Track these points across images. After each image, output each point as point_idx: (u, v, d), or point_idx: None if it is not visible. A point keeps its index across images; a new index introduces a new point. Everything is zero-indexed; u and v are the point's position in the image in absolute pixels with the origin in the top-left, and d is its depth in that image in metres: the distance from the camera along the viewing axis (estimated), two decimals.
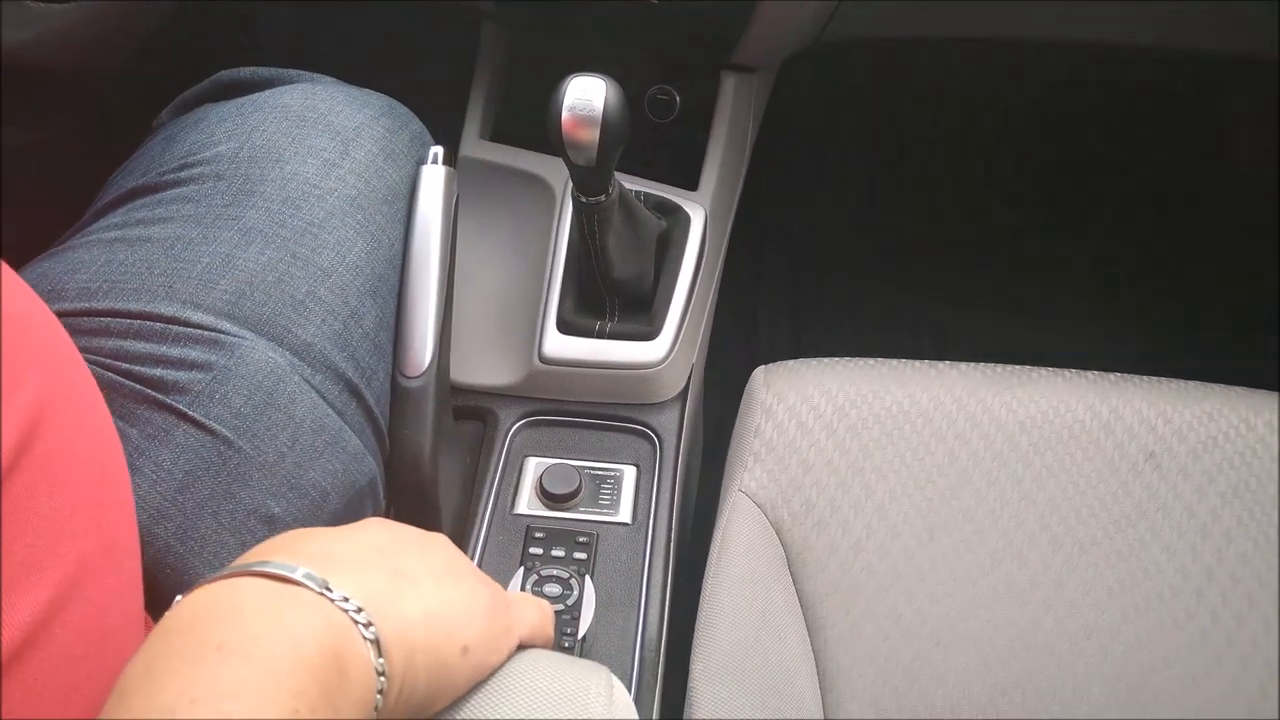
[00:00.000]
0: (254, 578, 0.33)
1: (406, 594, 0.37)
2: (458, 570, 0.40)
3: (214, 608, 0.32)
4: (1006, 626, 0.61)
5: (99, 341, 0.52)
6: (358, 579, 0.35)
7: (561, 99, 0.59)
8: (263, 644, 0.31)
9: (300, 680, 0.31)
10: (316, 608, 0.33)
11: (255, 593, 0.33)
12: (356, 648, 0.33)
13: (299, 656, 0.31)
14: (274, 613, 0.32)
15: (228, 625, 0.32)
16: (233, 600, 0.33)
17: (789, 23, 0.79)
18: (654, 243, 0.76)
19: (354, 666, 0.33)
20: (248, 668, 0.30)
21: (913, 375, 0.68)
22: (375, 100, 0.66)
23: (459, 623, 0.38)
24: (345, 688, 0.32)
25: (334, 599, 0.34)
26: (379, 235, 0.60)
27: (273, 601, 0.33)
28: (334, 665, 0.32)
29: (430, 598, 0.37)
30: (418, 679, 0.36)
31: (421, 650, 0.36)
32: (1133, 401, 0.67)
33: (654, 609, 0.66)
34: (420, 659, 0.36)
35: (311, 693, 0.31)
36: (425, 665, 0.36)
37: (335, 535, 0.38)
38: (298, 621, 0.32)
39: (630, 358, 0.74)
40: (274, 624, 0.32)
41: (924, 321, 1.20)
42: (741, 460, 0.66)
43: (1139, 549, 0.63)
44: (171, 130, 0.64)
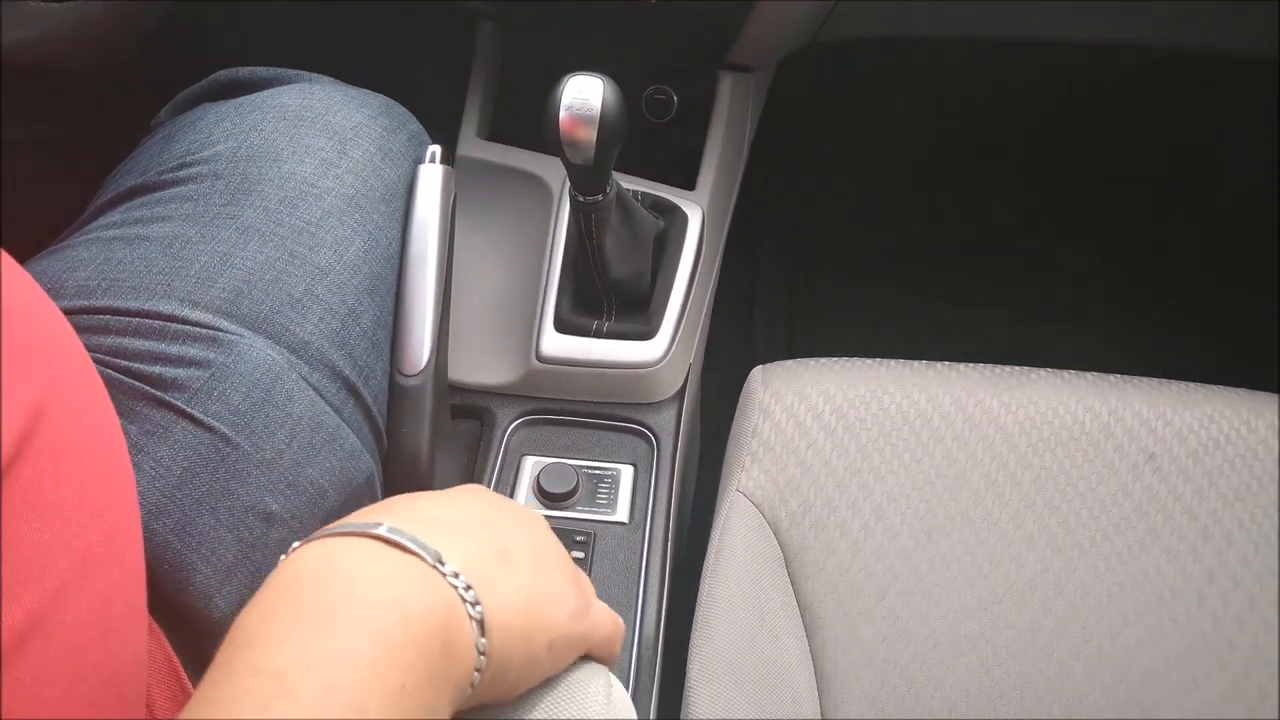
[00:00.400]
0: (371, 540, 0.34)
1: (508, 575, 0.37)
2: (555, 558, 0.40)
3: (329, 568, 0.33)
4: (1005, 628, 0.61)
5: (98, 339, 0.52)
6: (465, 553, 0.35)
7: (559, 98, 0.59)
8: (376, 613, 0.31)
9: (408, 654, 0.31)
10: (428, 581, 0.33)
11: (370, 558, 0.33)
12: (462, 625, 0.34)
13: (409, 630, 0.32)
14: (388, 582, 0.33)
15: (343, 590, 0.32)
16: (348, 562, 0.33)
17: (786, 22, 0.79)
18: (651, 242, 0.76)
19: (458, 644, 0.33)
20: (360, 637, 0.31)
21: (911, 376, 0.68)
22: (373, 100, 0.66)
23: (551, 616, 0.38)
24: (448, 664, 0.33)
25: (445, 573, 0.34)
26: (377, 234, 0.60)
27: (387, 569, 0.33)
28: (440, 641, 0.32)
29: (529, 583, 0.37)
30: (510, 663, 0.36)
31: (517, 637, 0.36)
32: (1132, 403, 0.67)
33: (651, 609, 0.66)
34: (515, 645, 0.36)
35: (418, 667, 0.31)
36: (519, 652, 0.36)
37: (440, 502, 0.38)
38: (410, 594, 0.33)
39: (627, 357, 0.74)
40: (388, 594, 0.32)
41: (922, 322, 1.20)
42: (739, 460, 0.66)
43: (1139, 551, 0.63)
44: (170, 130, 0.65)
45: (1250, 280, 1.18)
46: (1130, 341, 1.16)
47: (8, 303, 0.36)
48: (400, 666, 0.31)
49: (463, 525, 0.37)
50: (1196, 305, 1.21)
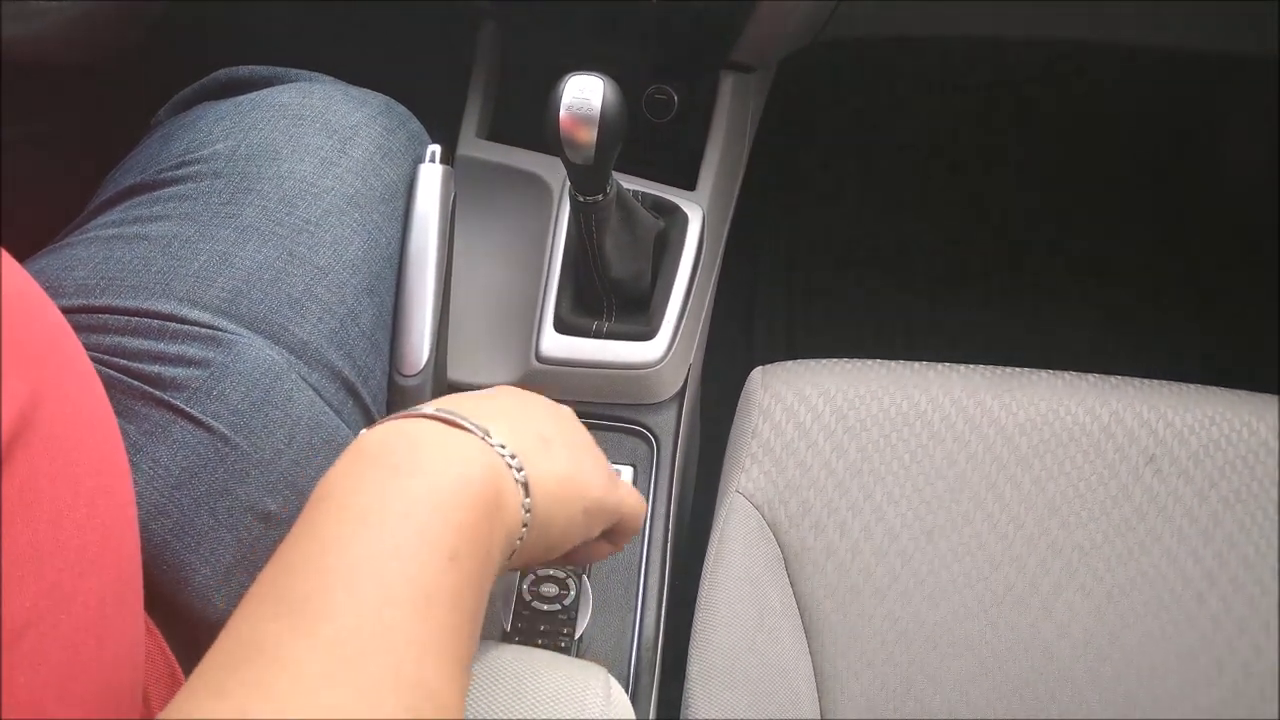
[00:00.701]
0: (430, 420, 0.40)
1: (546, 454, 0.43)
2: (584, 443, 0.47)
3: (394, 440, 0.38)
4: (1005, 630, 0.61)
5: (96, 338, 0.52)
6: (511, 430, 0.41)
7: (559, 98, 0.59)
8: (439, 468, 0.37)
9: (465, 501, 0.37)
10: (479, 448, 0.39)
11: (430, 430, 0.39)
12: (509, 486, 0.40)
13: (468, 484, 0.38)
14: (446, 449, 0.39)
15: (407, 452, 0.38)
16: (410, 435, 0.39)
17: (787, 22, 0.79)
18: (652, 242, 0.76)
19: (507, 501, 0.39)
20: (426, 486, 0.37)
21: (911, 377, 0.68)
22: (373, 99, 0.66)
23: (585, 485, 0.44)
24: (499, 516, 0.39)
25: (493, 444, 0.40)
26: (376, 234, 0.60)
27: (444, 439, 0.39)
28: (492, 495, 0.38)
29: (565, 460, 0.44)
30: (551, 525, 0.42)
31: (556, 501, 0.42)
32: (1133, 404, 0.67)
33: (651, 609, 0.66)
34: (556, 509, 0.42)
35: (477, 513, 0.37)
36: (560, 515, 0.43)
37: (481, 397, 0.45)
38: (465, 456, 0.39)
39: (627, 357, 0.74)
40: (448, 454, 0.38)
41: (922, 322, 1.20)
42: (739, 461, 0.66)
43: (1139, 553, 0.63)
44: (169, 128, 0.64)
45: (1250, 281, 1.18)
46: (1131, 342, 1.16)
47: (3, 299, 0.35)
48: (464, 509, 0.37)
49: (504, 413, 0.43)
50: (1197, 306, 1.21)
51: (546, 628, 0.62)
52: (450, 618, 0.35)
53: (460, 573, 0.36)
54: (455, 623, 0.35)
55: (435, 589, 0.35)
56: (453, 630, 0.35)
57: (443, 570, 0.35)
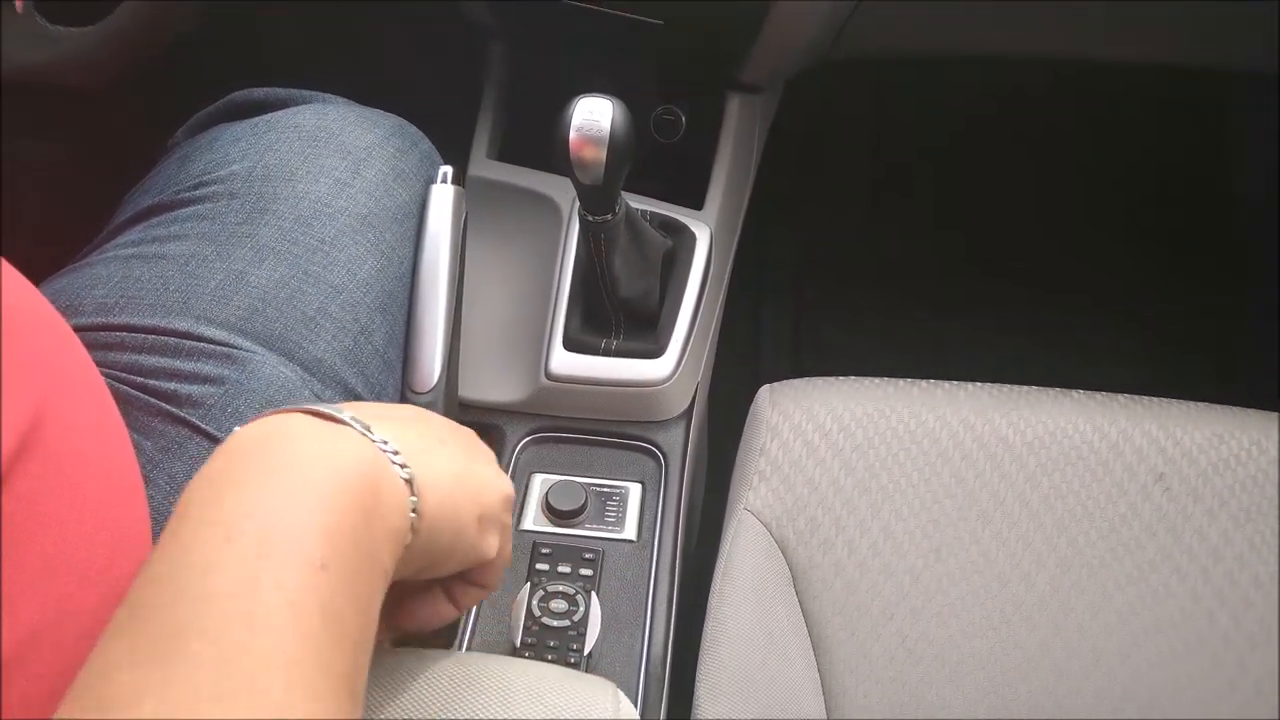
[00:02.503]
0: (303, 414, 0.37)
1: (440, 453, 0.40)
2: (486, 455, 0.44)
3: (267, 436, 0.36)
4: (1014, 649, 0.61)
5: (115, 355, 0.53)
6: (397, 431, 0.38)
7: (569, 119, 0.60)
8: (309, 466, 0.34)
9: (342, 501, 0.34)
10: (358, 442, 0.36)
11: (305, 425, 0.36)
12: (392, 482, 0.37)
13: (340, 481, 0.35)
14: (320, 442, 0.36)
15: (278, 450, 0.35)
16: (283, 430, 0.36)
17: (793, 44, 0.80)
18: (660, 261, 0.77)
19: (390, 499, 0.36)
20: (295, 485, 0.34)
21: (919, 395, 0.68)
22: (386, 120, 0.67)
23: (482, 493, 0.41)
24: (381, 514, 0.36)
25: (374, 439, 0.37)
26: (389, 253, 0.61)
27: (321, 433, 0.36)
28: (371, 492, 0.35)
29: (459, 460, 0.41)
30: (443, 527, 0.39)
31: (448, 503, 0.39)
32: (1141, 423, 0.67)
33: (659, 626, 0.66)
34: (448, 511, 0.39)
35: (352, 513, 0.34)
36: (451, 518, 0.39)
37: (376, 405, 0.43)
38: (341, 451, 0.36)
39: (636, 375, 0.74)
40: (319, 450, 0.35)
41: (930, 341, 1.20)
42: (747, 479, 0.66)
43: (1149, 572, 0.63)
44: (186, 150, 0.65)
45: (1262, 300, 1.18)
46: (1139, 360, 1.16)
47: (6, 314, 0.36)
48: (335, 511, 0.34)
49: (394, 417, 0.40)
50: (1206, 324, 1.21)
51: (556, 643, 0.62)
52: (323, 635, 0.32)
53: (333, 583, 0.32)
54: (330, 640, 0.32)
55: (303, 603, 0.31)
56: (327, 649, 0.32)
57: (312, 583, 0.32)
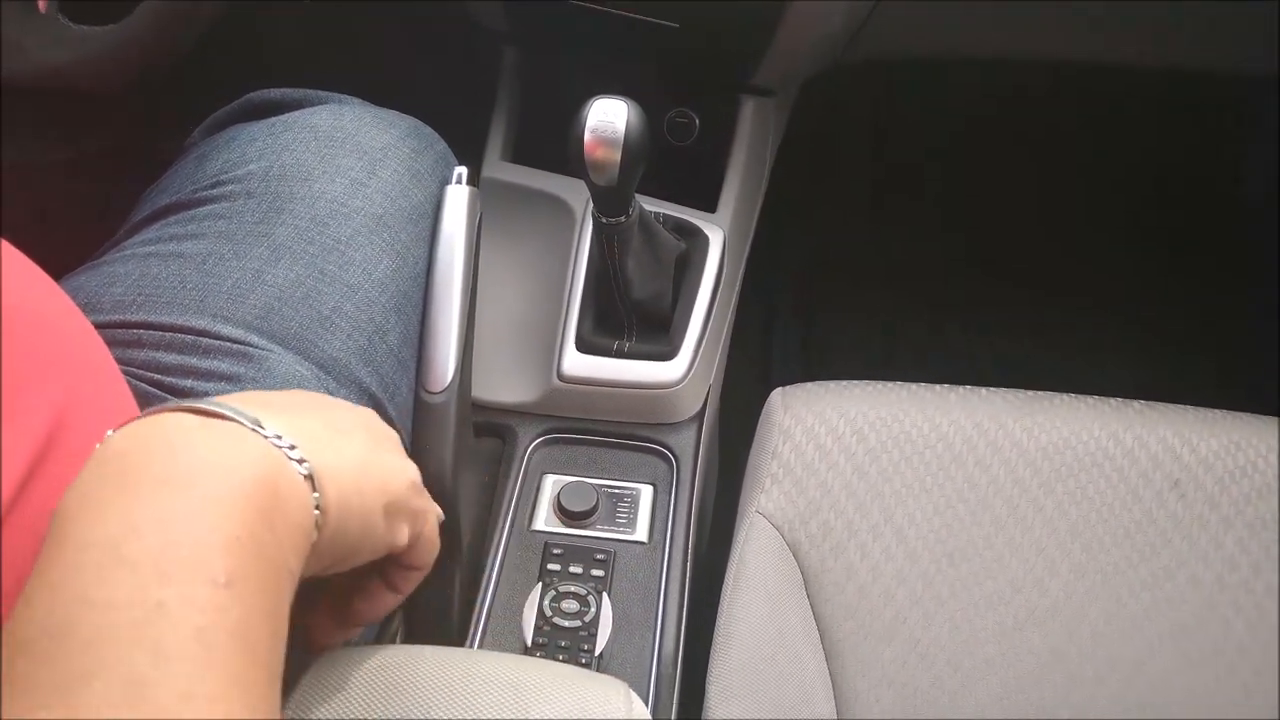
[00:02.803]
0: (184, 413, 0.33)
1: (340, 443, 0.37)
2: (390, 439, 0.41)
3: (146, 442, 0.32)
4: (1027, 655, 0.61)
5: (132, 353, 0.53)
6: (291, 422, 0.35)
7: (584, 121, 0.60)
8: (200, 475, 0.31)
9: (239, 509, 0.31)
10: (250, 441, 0.33)
11: (187, 428, 0.33)
12: (291, 479, 0.34)
13: (237, 486, 0.32)
14: (208, 445, 0.32)
15: (163, 458, 0.31)
16: (164, 434, 0.32)
17: (807, 47, 0.80)
18: (673, 263, 0.77)
19: (290, 497, 0.33)
20: (187, 497, 0.31)
21: (932, 399, 0.68)
22: (401, 121, 0.68)
23: (387, 481, 0.39)
24: (283, 515, 0.33)
25: (266, 435, 0.34)
26: (404, 253, 0.61)
27: (206, 436, 0.33)
28: (270, 495, 0.32)
29: (361, 447, 0.38)
30: (350, 520, 0.36)
31: (354, 493, 0.36)
32: (1157, 429, 0.66)
33: (671, 628, 0.66)
34: (354, 501, 0.36)
35: (251, 519, 0.31)
36: (357, 509, 0.37)
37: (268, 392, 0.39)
38: (232, 453, 0.32)
39: (648, 377, 0.74)
40: (209, 456, 0.32)
41: (943, 345, 1.20)
42: (759, 482, 0.66)
43: (1164, 578, 0.63)
44: (204, 149, 0.66)
45: (1263, 299, 1.17)
46: (1142, 361, 1.15)
47: (27, 313, 0.37)
48: (234, 521, 0.31)
49: (290, 404, 0.37)
50: (1208, 323, 1.20)
51: (567, 643, 0.62)
52: (236, 659, 0.29)
53: (241, 599, 0.30)
54: (243, 662, 0.29)
55: (211, 628, 0.29)
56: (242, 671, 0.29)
57: (218, 603, 0.29)
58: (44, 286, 0.41)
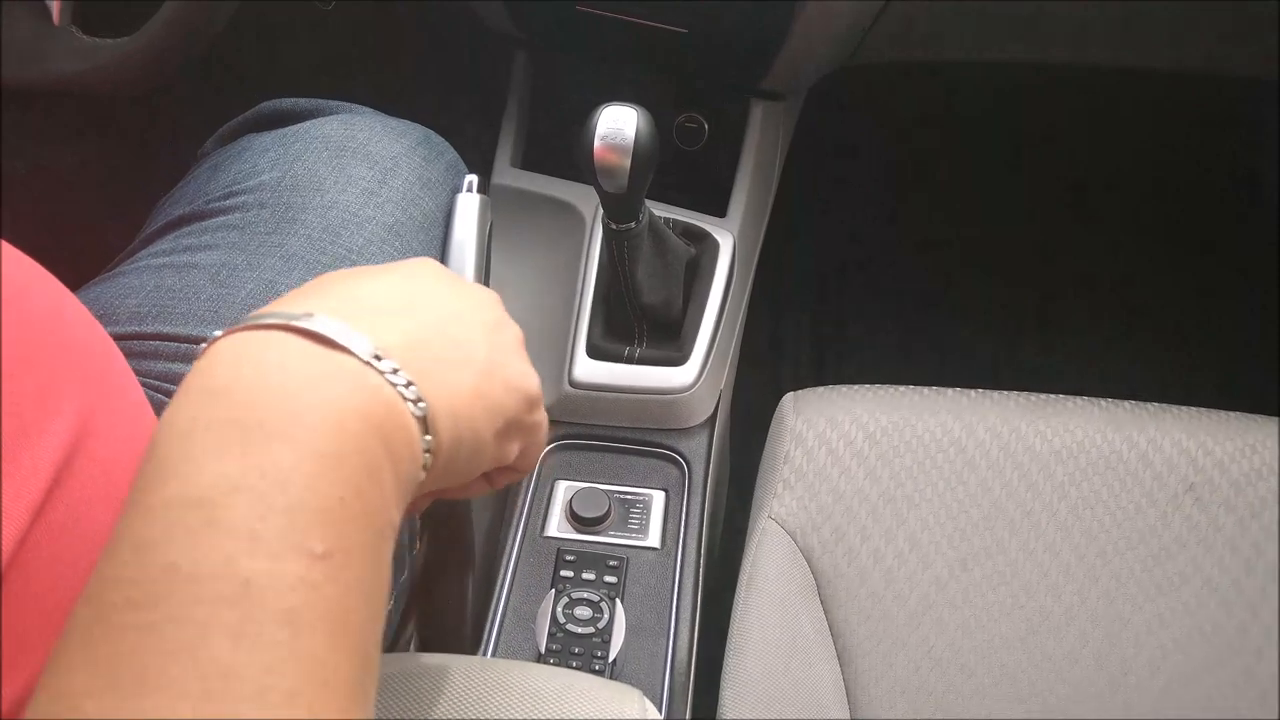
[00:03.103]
0: (299, 336, 0.30)
1: (459, 362, 0.34)
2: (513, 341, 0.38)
3: (251, 371, 0.29)
4: (1042, 660, 0.61)
5: (148, 364, 0.53)
6: (408, 338, 0.32)
7: (594, 128, 0.61)
8: (306, 422, 0.28)
9: (345, 466, 0.29)
10: (363, 379, 0.30)
11: (297, 355, 0.30)
12: (405, 424, 0.31)
13: (344, 439, 0.29)
14: (320, 383, 0.29)
15: (267, 397, 0.29)
16: (271, 364, 0.30)
17: (817, 51, 0.80)
18: (683, 269, 0.77)
19: (402, 445, 0.31)
20: (291, 451, 0.28)
21: (945, 403, 0.68)
22: (412, 130, 0.68)
23: (502, 400, 0.36)
24: (392, 467, 0.30)
25: (382, 370, 0.31)
26: None
27: (316, 370, 0.30)
28: (381, 446, 0.30)
29: (482, 370, 0.35)
30: (459, 453, 0.34)
31: (467, 426, 0.34)
32: (1171, 433, 0.66)
33: (684, 634, 0.66)
34: (466, 435, 0.34)
35: (358, 476, 0.29)
36: (470, 441, 0.34)
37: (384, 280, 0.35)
38: (343, 397, 0.29)
39: (659, 383, 0.75)
40: (318, 398, 0.29)
41: (954, 348, 1.19)
42: (771, 487, 0.66)
43: (1179, 583, 0.62)
44: (216, 159, 0.66)
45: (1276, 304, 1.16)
46: (1169, 369, 1.15)
47: (49, 322, 0.37)
48: (337, 481, 0.28)
49: (407, 307, 0.34)
50: (1236, 330, 1.19)
51: (580, 650, 0.62)
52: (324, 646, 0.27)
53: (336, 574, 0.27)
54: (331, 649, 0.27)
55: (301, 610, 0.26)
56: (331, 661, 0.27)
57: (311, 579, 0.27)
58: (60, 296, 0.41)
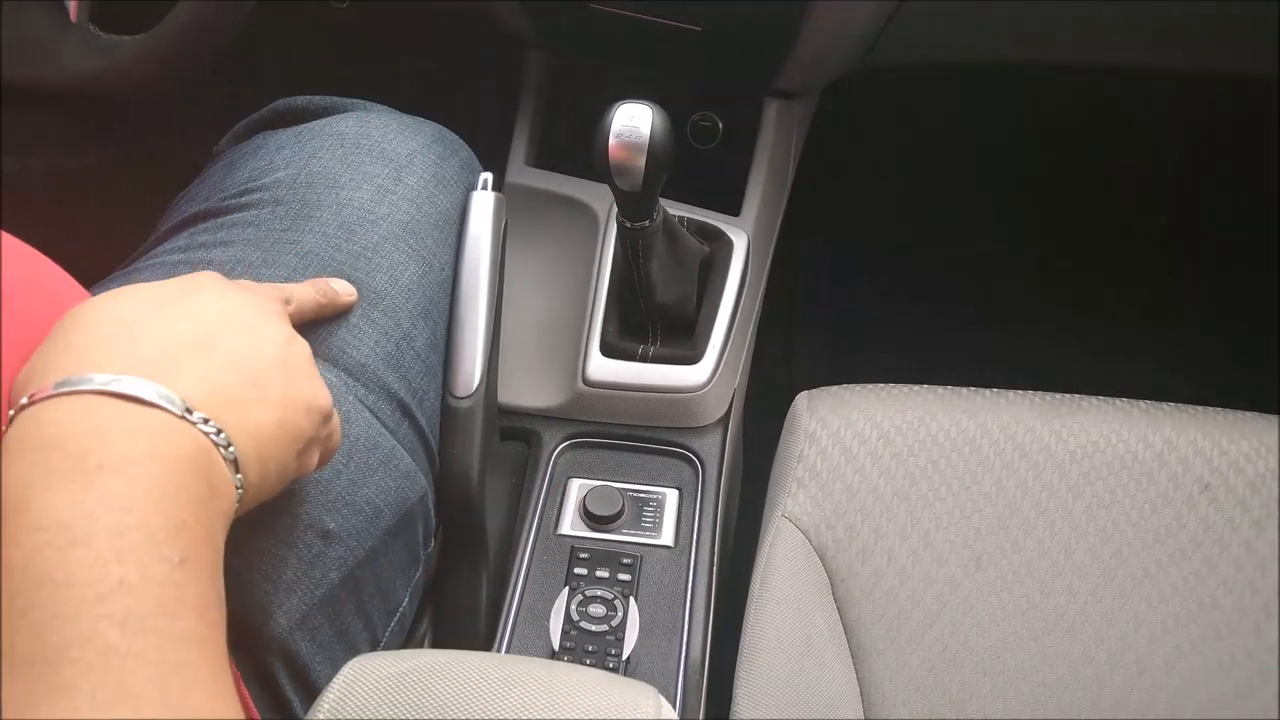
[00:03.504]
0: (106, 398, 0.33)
1: (260, 403, 0.38)
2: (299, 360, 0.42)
3: (78, 427, 0.33)
4: (1056, 659, 0.60)
5: None
6: (210, 383, 0.36)
7: (609, 125, 0.60)
8: (141, 465, 0.32)
9: (182, 497, 0.33)
10: (181, 431, 0.34)
11: (117, 414, 0.33)
12: (219, 467, 0.36)
13: (175, 476, 0.33)
14: (143, 434, 0.33)
15: (101, 447, 0.32)
16: (95, 421, 0.33)
17: (832, 50, 0.80)
18: (697, 267, 0.77)
19: (219, 484, 0.35)
20: (133, 486, 0.32)
21: (959, 403, 0.68)
22: (427, 128, 0.68)
23: (300, 426, 0.40)
24: (215, 500, 0.35)
25: (194, 422, 0.35)
26: (430, 259, 0.62)
27: (137, 423, 0.34)
28: (205, 483, 0.34)
29: (279, 401, 0.39)
30: (267, 482, 0.39)
31: (272, 458, 0.38)
32: (1187, 432, 0.66)
33: (697, 632, 0.66)
34: (271, 465, 0.39)
35: (192, 506, 0.33)
36: (275, 469, 0.39)
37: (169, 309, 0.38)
38: (167, 445, 0.34)
39: (673, 381, 0.74)
40: (146, 446, 0.33)
41: (968, 348, 1.19)
42: (785, 486, 0.66)
43: (1195, 583, 0.62)
44: (232, 157, 0.66)
45: None
46: (1183, 369, 1.14)
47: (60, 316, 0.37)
48: (177, 506, 0.32)
49: (202, 345, 0.37)
50: (1250, 330, 1.19)
51: (594, 648, 0.62)
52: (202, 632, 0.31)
53: (194, 576, 0.32)
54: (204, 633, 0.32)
55: (171, 600, 0.31)
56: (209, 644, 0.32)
57: (175, 579, 0.31)
58: (76, 294, 0.41)
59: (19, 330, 0.38)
